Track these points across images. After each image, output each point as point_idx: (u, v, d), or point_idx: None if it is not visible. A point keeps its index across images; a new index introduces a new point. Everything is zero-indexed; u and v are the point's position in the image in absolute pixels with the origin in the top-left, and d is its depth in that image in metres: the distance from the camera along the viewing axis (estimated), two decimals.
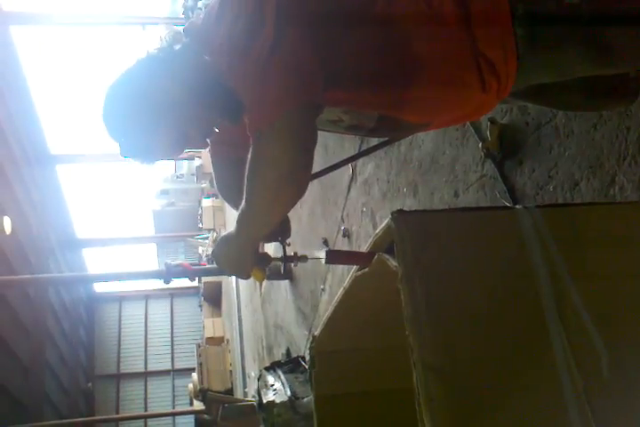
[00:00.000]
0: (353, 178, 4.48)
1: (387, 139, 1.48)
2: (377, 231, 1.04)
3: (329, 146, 4.63)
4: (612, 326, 0.92)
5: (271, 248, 1.43)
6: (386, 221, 0.97)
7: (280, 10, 1.03)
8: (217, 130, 1.22)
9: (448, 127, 2.90)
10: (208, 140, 1.25)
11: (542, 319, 0.91)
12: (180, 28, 1.20)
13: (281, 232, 1.29)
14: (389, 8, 1.08)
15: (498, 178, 2.50)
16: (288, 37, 1.02)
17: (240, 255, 1.21)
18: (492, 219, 1.00)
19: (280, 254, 1.29)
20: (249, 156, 1.05)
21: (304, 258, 1.28)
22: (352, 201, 4.54)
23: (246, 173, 1.06)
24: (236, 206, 1.24)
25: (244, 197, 1.09)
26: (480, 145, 2.56)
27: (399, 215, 0.94)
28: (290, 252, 1.30)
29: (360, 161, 4.28)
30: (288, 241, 1.31)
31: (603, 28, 1.05)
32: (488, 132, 2.48)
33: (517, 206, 0.99)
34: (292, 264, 1.30)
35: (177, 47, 1.17)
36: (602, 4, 1.06)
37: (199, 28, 1.18)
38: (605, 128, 1.88)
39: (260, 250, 1.26)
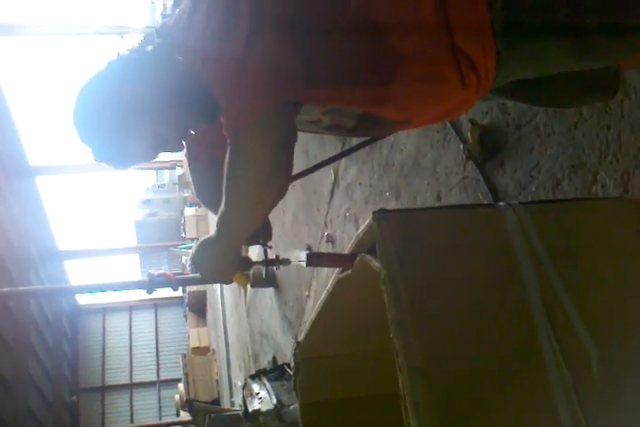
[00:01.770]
0: (335, 183, 4.46)
1: (368, 138, 1.46)
2: (359, 232, 1.02)
3: (310, 151, 4.61)
4: (601, 323, 0.90)
5: (253, 254, 1.39)
6: (367, 221, 0.95)
7: (255, 7, 1.00)
8: (192, 132, 1.19)
9: (429, 130, 2.89)
10: (184, 143, 1.22)
11: (530, 319, 0.89)
12: (153, 30, 1.16)
13: (262, 235, 1.26)
14: (365, 4, 1.06)
15: (480, 179, 2.49)
16: (263, 35, 1.00)
17: (221, 260, 1.18)
18: (475, 216, 0.98)
19: (262, 259, 1.26)
20: (227, 156, 1.02)
21: (286, 261, 1.25)
22: (335, 206, 4.52)
23: (225, 174, 1.03)
24: (215, 210, 1.21)
25: (224, 198, 1.06)
26: (461, 147, 2.55)
27: (381, 214, 0.92)
28: (272, 255, 1.27)
29: (342, 166, 4.26)
30: (270, 244, 1.28)
31: (582, 22, 1.04)
32: (469, 134, 2.48)
33: (501, 203, 0.98)
34: (275, 268, 1.26)
35: (149, 48, 1.13)
36: None
37: (172, 28, 1.15)
38: (586, 127, 1.88)
39: (242, 254, 1.23)
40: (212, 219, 1.14)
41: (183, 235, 16.94)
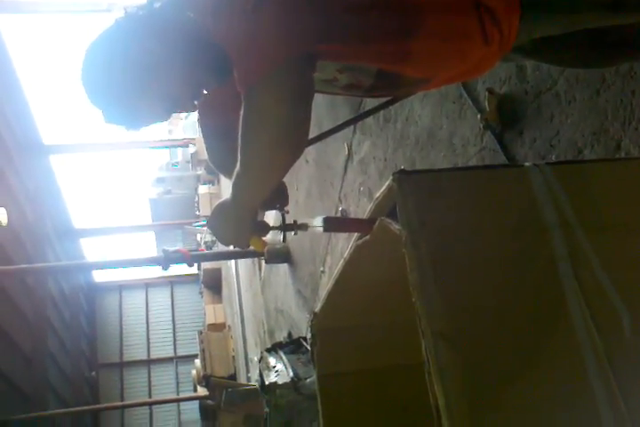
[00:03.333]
0: (349, 157, 4.41)
1: (384, 101, 1.41)
2: (377, 195, 0.99)
3: (323, 125, 4.55)
4: (633, 289, 0.87)
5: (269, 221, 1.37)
6: (387, 183, 0.92)
7: None
8: (205, 92, 1.15)
9: (444, 100, 2.83)
10: (196, 103, 1.18)
11: (558, 281, 0.86)
12: None
13: (279, 199, 1.23)
14: None
15: (498, 150, 2.44)
16: None
17: (238, 223, 1.15)
18: (500, 177, 0.94)
19: (279, 223, 1.23)
20: (241, 113, 0.99)
21: (304, 226, 1.22)
22: (349, 181, 4.48)
23: (240, 132, 1.00)
24: (229, 175, 1.18)
25: (239, 158, 1.02)
26: (479, 117, 2.49)
27: (401, 175, 0.88)
28: (289, 221, 1.24)
29: (356, 140, 4.22)
30: (286, 209, 1.25)
31: None
32: (486, 103, 2.42)
33: (527, 164, 0.94)
34: (293, 233, 1.23)
35: (157, 5, 1.10)
36: None
37: None
38: (609, 93, 1.82)
39: (259, 218, 1.20)
40: (226, 192, 1.11)
41: (197, 213, 16.99)
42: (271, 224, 1.23)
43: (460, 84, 2.61)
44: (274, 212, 1.27)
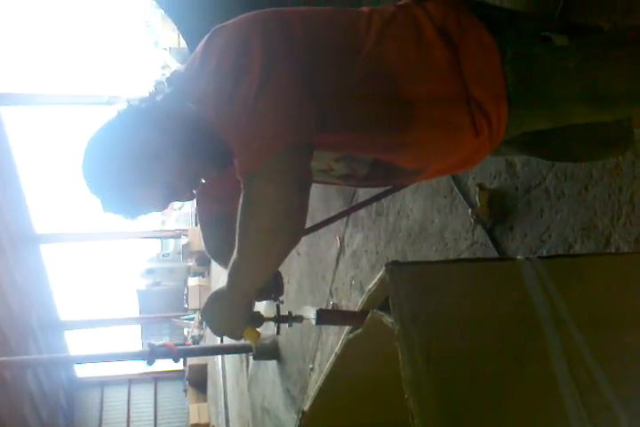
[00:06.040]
0: (341, 250, 4.41)
1: (383, 190, 1.44)
2: (370, 287, 0.97)
3: (316, 216, 4.60)
4: (627, 381, 0.84)
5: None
6: (379, 274, 0.90)
7: (267, 53, 1.01)
8: (203, 180, 1.17)
9: (436, 195, 2.89)
10: (194, 192, 1.20)
11: (554, 378, 0.83)
12: (164, 78, 1.17)
13: (274, 289, 1.22)
14: (377, 50, 1.07)
15: (489, 244, 2.45)
16: (276, 80, 1.00)
17: (232, 313, 1.13)
18: (493, 270, 0.93)
19: (274, 315, 1.20)
20: (240, 201, 1.00)
21: (299, 318, 1.20)
22: (340, 274, 4.45)
23: (238, 220, 1.01)
24: (225, 265, 1.17)
25: (236, 246, 1.03)
26: (469, 211, 2.53)
27: (394, 267, 0.88)
28: (284, 312, 1.22)
29: (348, 233, 4.24)
30: (281, 299, 1.23)
31: (595, 69, 1.04)
32: (477, 198, 2.46)
33: (519, 257, 0.93)
34: (287, 325, 1.20)
35: (159, 98, 1.14)
36: (593, 45, 1.06)
37: (183, 75, 1.16)
38: (597, 188, 1.86)
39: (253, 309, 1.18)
40: (216, 285, 1.10)
41: (186, 305, 16.71)
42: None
43: (450, 178, 2.67)
44: (263, 303, 1.25)
